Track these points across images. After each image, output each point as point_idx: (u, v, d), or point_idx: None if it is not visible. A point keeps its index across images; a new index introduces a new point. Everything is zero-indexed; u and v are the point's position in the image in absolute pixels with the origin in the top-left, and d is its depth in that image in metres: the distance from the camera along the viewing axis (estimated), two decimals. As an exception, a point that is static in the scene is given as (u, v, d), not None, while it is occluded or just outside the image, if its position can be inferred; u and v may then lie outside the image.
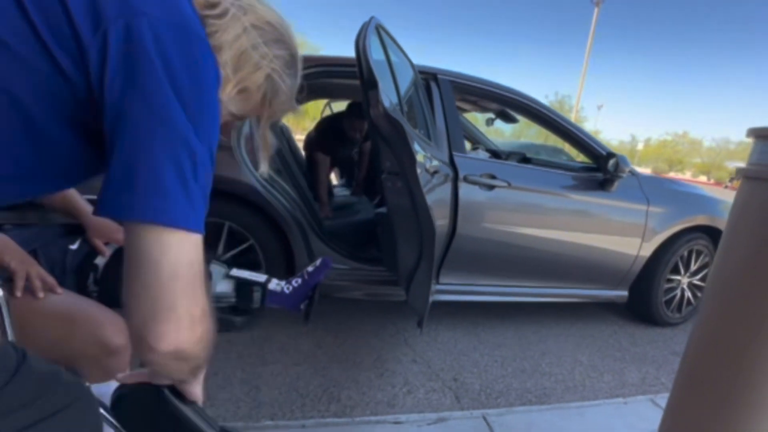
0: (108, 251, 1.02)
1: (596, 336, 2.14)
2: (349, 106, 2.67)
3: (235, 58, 0.54)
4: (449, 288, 1.94)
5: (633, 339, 2.14)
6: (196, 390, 0.57)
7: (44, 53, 0.41)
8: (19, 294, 0.78)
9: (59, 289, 0.84)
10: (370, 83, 1.02)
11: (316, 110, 3.75)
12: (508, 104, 2.15)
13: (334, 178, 3.25)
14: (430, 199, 1.47)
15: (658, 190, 2.21)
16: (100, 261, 1.01)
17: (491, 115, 2.90)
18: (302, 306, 1.18)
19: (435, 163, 1.41)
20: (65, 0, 0.41)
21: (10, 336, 0.72)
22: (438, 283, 1.89)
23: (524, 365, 1.76)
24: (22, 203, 0.93)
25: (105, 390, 0.77)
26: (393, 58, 1.44)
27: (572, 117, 17.97)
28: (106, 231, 1.03)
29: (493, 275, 2.02)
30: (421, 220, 1.18)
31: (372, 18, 1.21)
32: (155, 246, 0.43)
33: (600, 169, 2.05)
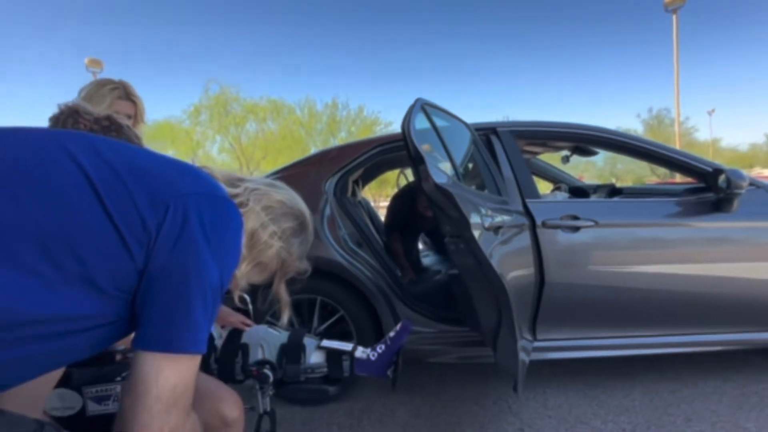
0: (224, 333, 1.21)
1: (765, 394, 1.68)
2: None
3: (248, 238, 0.67)
4: (550, 345, 1.76)
5: (825, 396, 1.63)
6: None
7: (122, 245, 0.52)
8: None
9: (189, 370, 1.02)
10: (417, 159, 1.13)
11: (395, 176, 4.07)
12: (578, 140, 2.07)
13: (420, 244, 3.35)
14: (504, 251, 1.45)
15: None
16: (218, 342, 1.20)
17: (566, 153, 2.78)
18: (389, 372, 1.21)
19: (498, 218, 1.41)
20: (133, 195, 0.54)
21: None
22: (535, 339, 1.74)
23: (664, 435, 1.45)
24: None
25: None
26: (444, 128, 1.55)
27: (676, 131, 15.85)
28: (222, 315, 1.24)
29: (605, 325, 1.79)
30: (490, 278, 1.16)
31: (417, 100, 1.36)
32: (154, 370, 0.52)
33: (710, 188, 1.78)
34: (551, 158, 3.27)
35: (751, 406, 1.59)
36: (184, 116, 18.55)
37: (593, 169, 22.82)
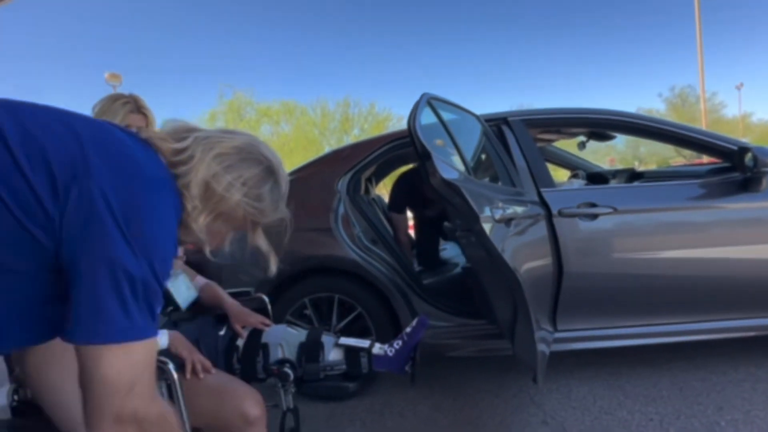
0: (245, 333, 1.25)
1: (802, 380, 1.61)
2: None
3: (201, 191, 0.63)
4: (572, 335, 1.74)
5: None
6: None
7: (28, 235, 0.50)
8: (188, 376, 1.02)
9: (213, 370, 1.06)
10: (424, 155, 1.13)
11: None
12: (592, 125, 2.02)
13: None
14: (518, 242, 1.43)
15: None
16: (240, 342, 1.24)
17: (583, 139, 2.71)
18: (407, 368, 1.22)
19: (510, 210, 1.39)
20: (29, 178, 0.49)
21: (183, 409, 0.93)
22: (556, 330, 1.72)
23: (693, 425, 1.41)
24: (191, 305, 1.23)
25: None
26: (452, 121, 1.54)
27: (701, 108, 15.17)
28: (243, 316, 1.28)
29: (628, 314, 1.75)
30: (502, 270, 1.15)
31: (423, 95, 1.36)
32: (91, 361, 0.51)
33: (736, 167, 1.71)
34: (568, 145, 3.20)
35: (788, 393, 1.53)
36: (201, 124, 18.96)
37: (613, 153, 22.13)
